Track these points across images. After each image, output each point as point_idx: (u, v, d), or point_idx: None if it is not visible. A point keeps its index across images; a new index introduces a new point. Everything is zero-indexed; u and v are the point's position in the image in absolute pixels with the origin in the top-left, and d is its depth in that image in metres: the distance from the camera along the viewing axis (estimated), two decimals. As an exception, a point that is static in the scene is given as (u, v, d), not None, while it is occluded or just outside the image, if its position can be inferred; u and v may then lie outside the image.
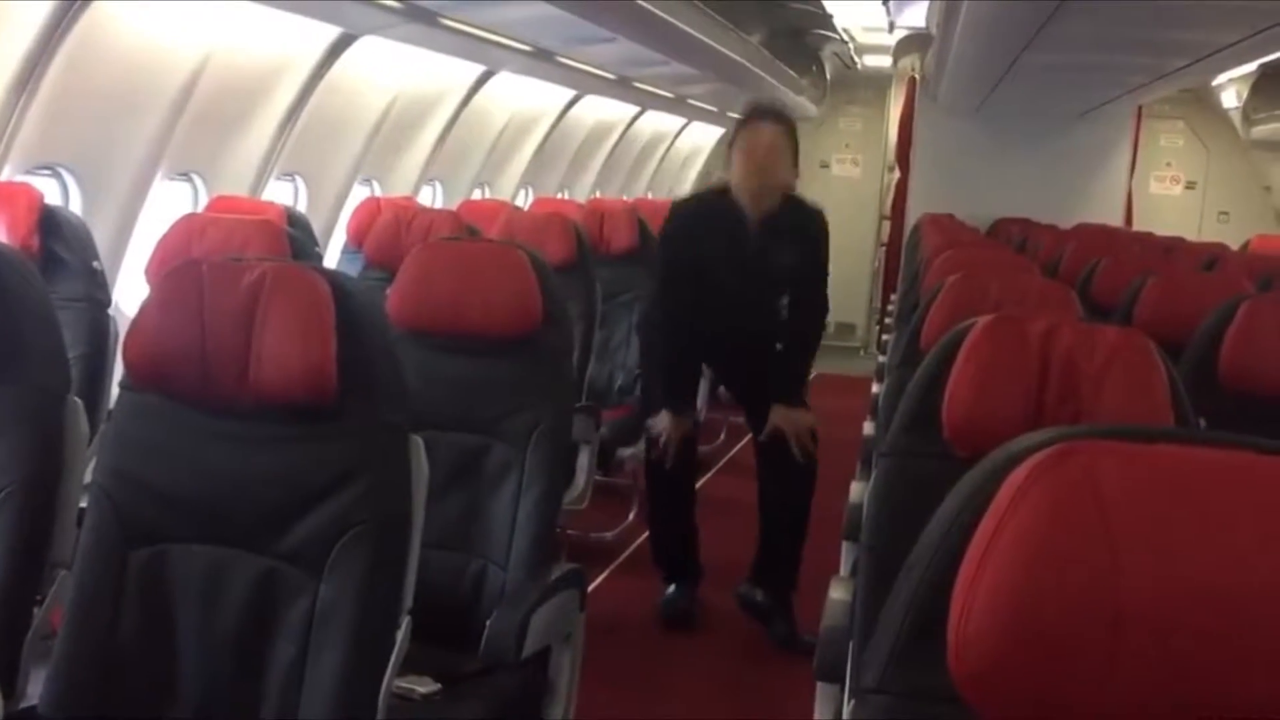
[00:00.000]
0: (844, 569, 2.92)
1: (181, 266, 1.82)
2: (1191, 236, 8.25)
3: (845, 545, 2.98)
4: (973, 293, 2.62)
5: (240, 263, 1.81)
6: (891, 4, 7.35)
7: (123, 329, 1.98)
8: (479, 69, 6.12)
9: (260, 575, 1.74)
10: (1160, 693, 0.76)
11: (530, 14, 4.72)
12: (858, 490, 3.22)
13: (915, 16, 7.63)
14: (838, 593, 2.21)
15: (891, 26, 8.23)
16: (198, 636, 1.75)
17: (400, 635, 1.75)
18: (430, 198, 6.79)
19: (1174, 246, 6.54)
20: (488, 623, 2.15)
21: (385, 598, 1.74)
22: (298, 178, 5.33)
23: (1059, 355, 1.68)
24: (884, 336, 6.34)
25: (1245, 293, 3.50)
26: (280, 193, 5.17)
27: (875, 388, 4.70)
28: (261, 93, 4.64)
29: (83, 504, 1.88)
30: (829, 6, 7.75)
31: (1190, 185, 10.82)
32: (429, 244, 2.67)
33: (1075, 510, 0.79)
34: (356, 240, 4.85)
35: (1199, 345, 2.80)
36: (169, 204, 4.35)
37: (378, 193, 5.88)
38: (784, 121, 3.60)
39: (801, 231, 3.59)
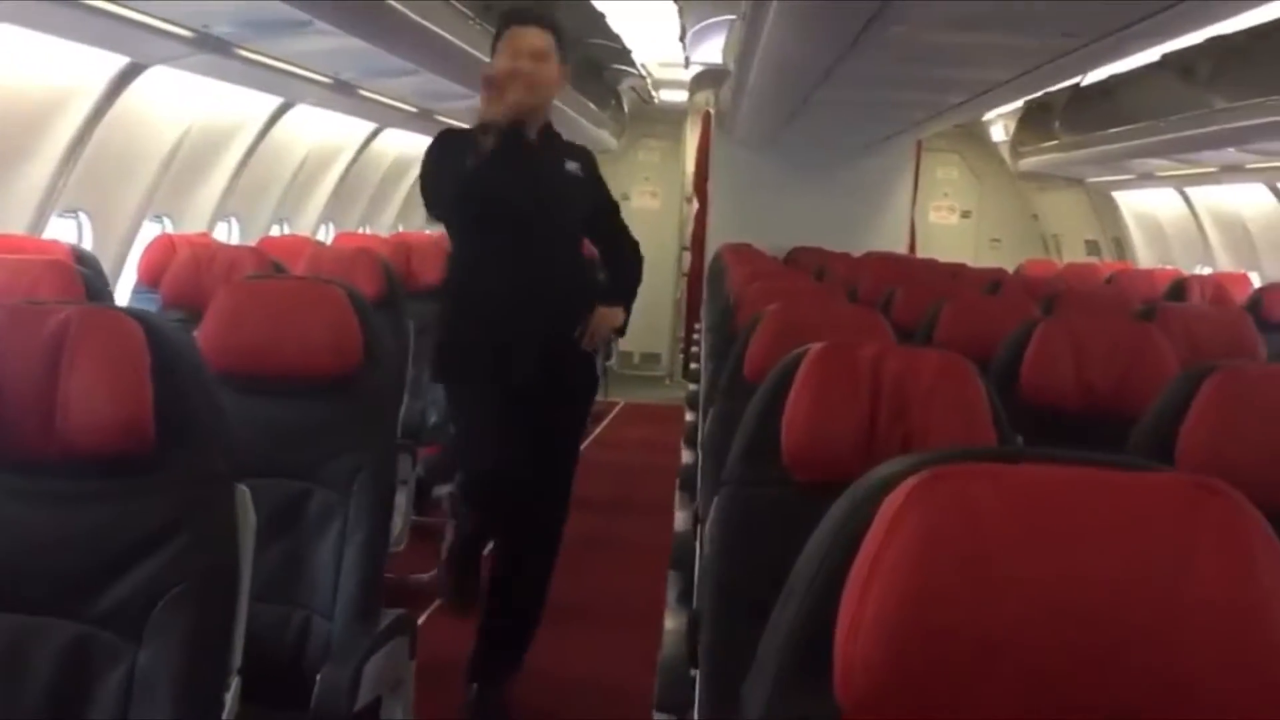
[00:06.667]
0: (671, 598, 2.93)
1: (-30, 312, 1.68)
2: (969, 262, 8.72)
3: (671, 574, 2.99)
4: (791, 321, 2.69)
5: (40, 306, 1.69)
6: (688, 40, 7.53)
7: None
8: (277, 101, 5.93)
9: (70, 643, 1.62)
10: (1043, 708, 0.79)
11: (329, 45, 4.61)
12: (683, 519, 3.25)
13: (711, 53, 7.84)
14: (673, 622, 2.21)
15: (687, 62, 8.43)
16: (0, 713, 1.61)
17: (229, 697, 1.66)
18: (226, 234, 6.53)
19: (958, 272, 6.90)
20: (318, 677, 2.05)
21: (212, 658, 1.64)
22: (82, 214, 5.03)
23: (888, 380, 1.74)
24: (691, 365, 6.44)
25: (1031, 314, 3.75)
26: (63, 230, 4.87)
27: (690, 416, 4.76)
28: (41, 124, 4.37)
29: None
30: (627, 42, 7.88)
31: (965, 214, 11.49)
32: (240, 282, 2.55)
33: (952, 533, 0.81)
34: (149, 279, 4.60)
35: (1000, 364, 2.96)
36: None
37: (170, 229, 5.61)
38: (550, 25, 3.03)
39: (581, 160, 3.12)
